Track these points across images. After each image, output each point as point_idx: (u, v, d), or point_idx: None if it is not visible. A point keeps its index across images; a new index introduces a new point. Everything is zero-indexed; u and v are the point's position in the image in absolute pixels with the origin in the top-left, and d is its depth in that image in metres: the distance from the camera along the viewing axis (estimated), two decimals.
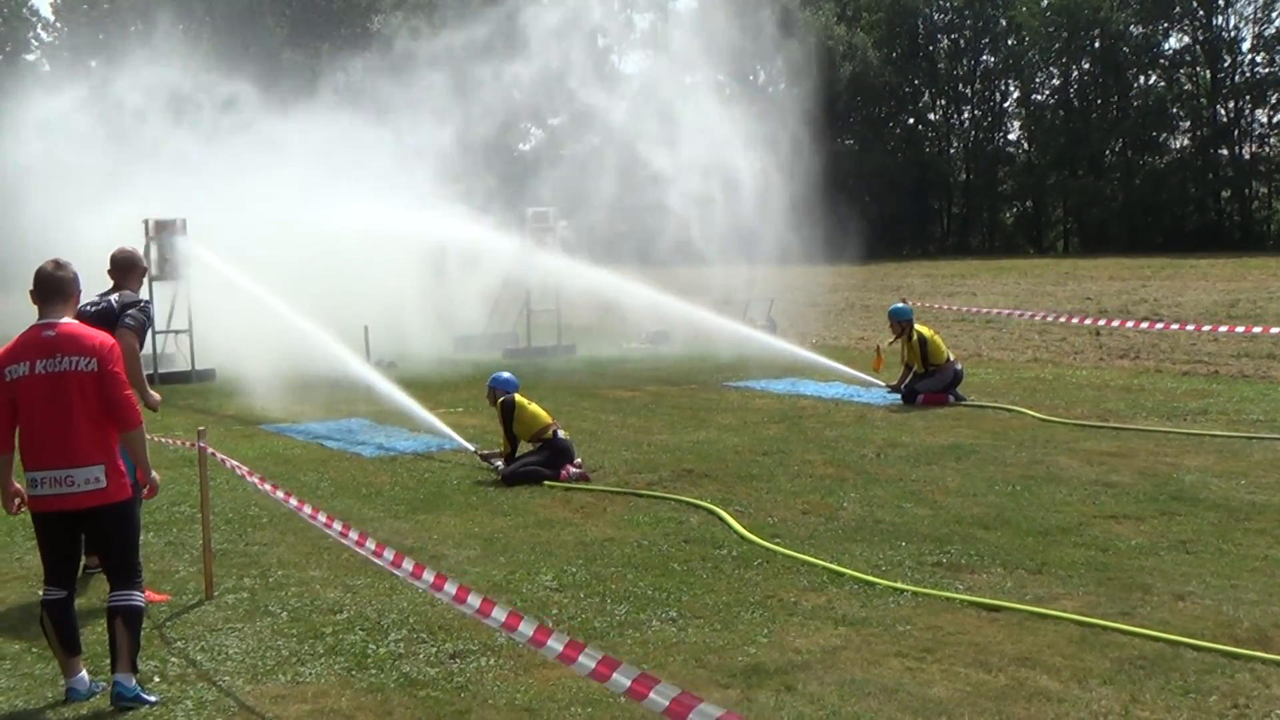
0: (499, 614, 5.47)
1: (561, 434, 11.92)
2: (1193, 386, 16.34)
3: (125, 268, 8.47)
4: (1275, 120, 78.42)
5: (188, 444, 9.07)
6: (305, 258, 21.29)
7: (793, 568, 8.46)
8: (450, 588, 5.74)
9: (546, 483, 11.32)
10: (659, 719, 5.82)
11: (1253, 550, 8.51)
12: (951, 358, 15.97)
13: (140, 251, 8.72)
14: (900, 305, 16.79)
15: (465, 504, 10.66)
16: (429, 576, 5.90)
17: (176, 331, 20.61)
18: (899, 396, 15.77)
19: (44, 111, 72.50)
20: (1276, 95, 77.08)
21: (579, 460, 11.87)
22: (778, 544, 9.02)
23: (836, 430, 13.83)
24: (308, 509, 7.45)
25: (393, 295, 26.21)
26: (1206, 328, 20.23)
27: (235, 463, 8.23)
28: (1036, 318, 24.11)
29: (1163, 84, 79.96)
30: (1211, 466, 11.27)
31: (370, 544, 6.50)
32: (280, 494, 7.73)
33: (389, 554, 6.21)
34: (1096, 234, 77.42)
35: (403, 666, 6.72)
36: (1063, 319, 22.14)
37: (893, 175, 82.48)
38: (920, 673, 6.41)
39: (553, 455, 11.65)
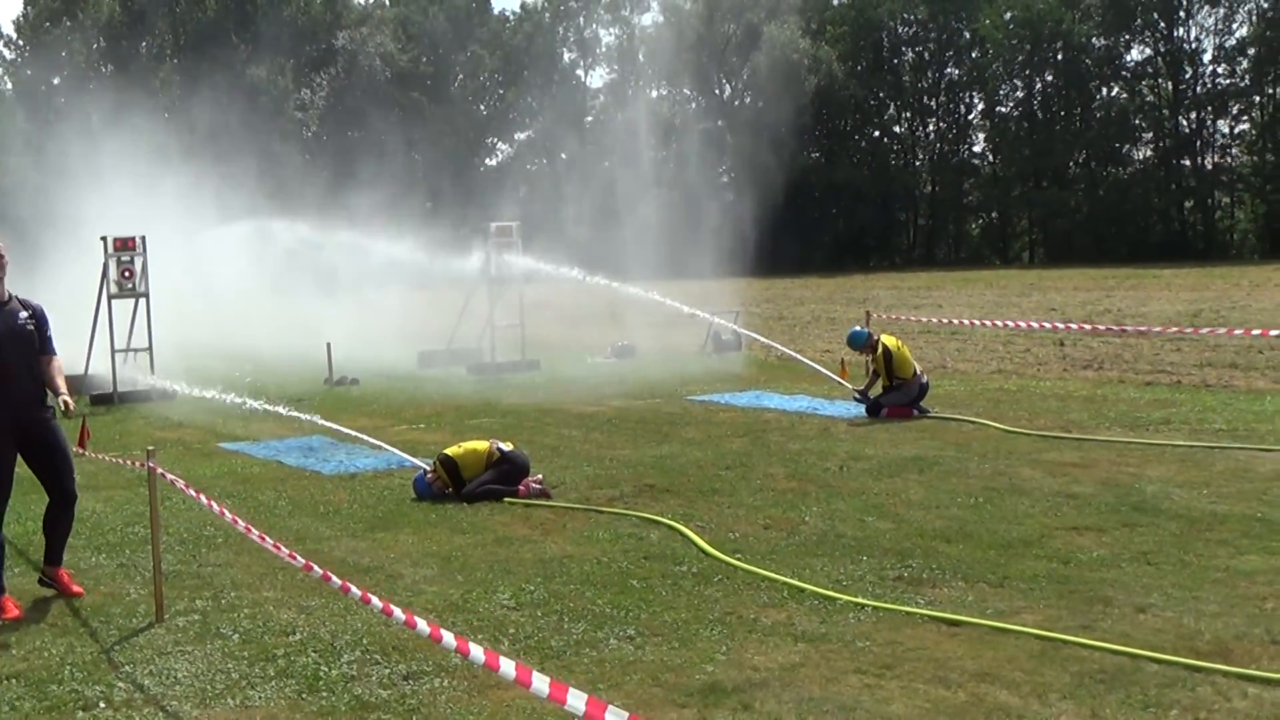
0: (449, 639, 5.31)
1: (505, 446, 11.78)
2: (1156, 396, 16.33)
3: None
4: (1237, 131, 79.05)
5: (139, 464, 8.90)
6: (266, 275, 21.19)
7: (753, 584, 8.37)
8: (399, 613, 5.59)
9: (507, 500, 11.20)
10: None
11: (1214, 561, 8.46)
12: (918, 370, 15.88)
13: None
14: (856, 330, 16.57)
15: (424, 521, 10.53)
16: (377, 602, 5.76)
17: (136, 350, 20.37)
18: (864, 408, 15.67)
19: (7, 130, 72.01)
20: (1237, 106, 77.74)
21: (539, 476, 11.75)
22: (738, 559, 8.93)
23: (800, 443, 13.75)
24: (256, 531, 7.29)
25: (358, 311, 26.09)
26: (1173, 329, 20.25)
27: (184, 483, 8.07)
28: (1001, 326, 24.11)
29: (1125, 95, 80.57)
30: (1174, 476, 11.24)
31: (317, 569, 6.34)
32: (229, 516, 7.57)
33: (337, 580, 6.05)
34: (1061, 245, 77.82)
35: (355, 689, 6.59)
36: (1024, 325, 22.13)
37: (859, 188, 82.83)
38: (879, 689, 6.32)
39: (511, 469, 11.53)
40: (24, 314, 8.44)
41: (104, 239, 19.90)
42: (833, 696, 6.24)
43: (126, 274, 19.82)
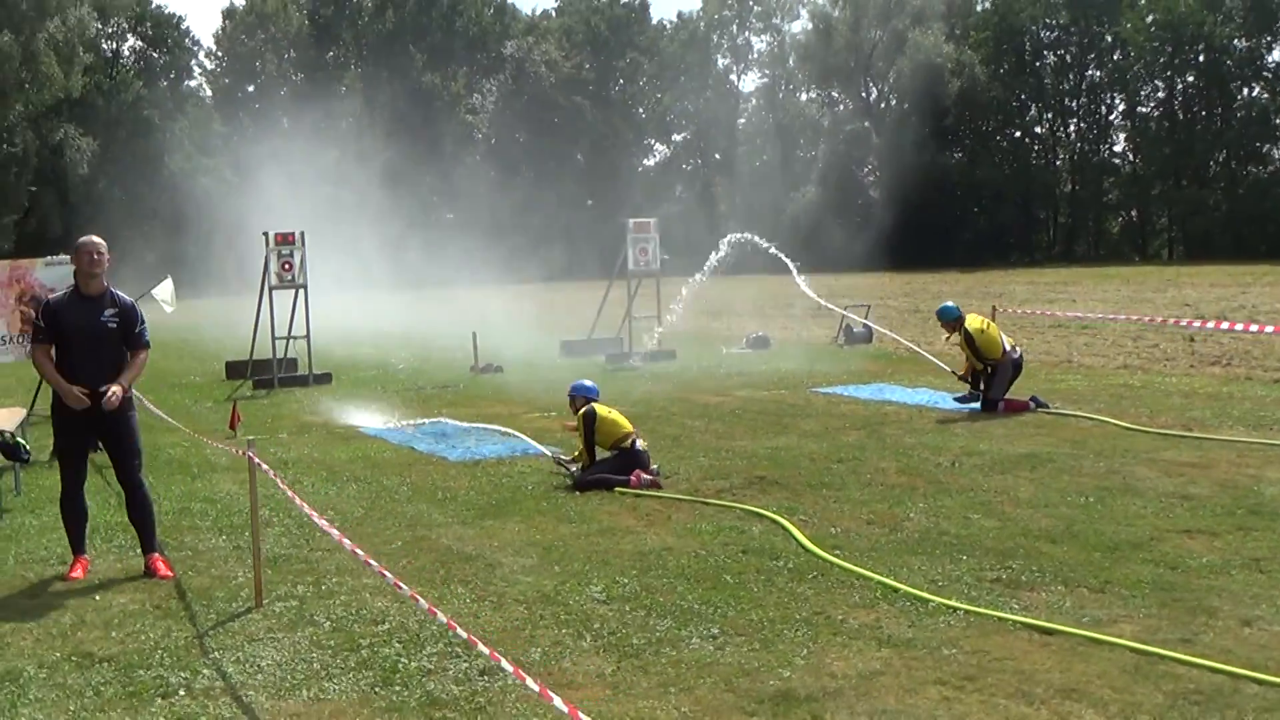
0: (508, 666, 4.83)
1: (640, 443, 11.32)
2: None
3: None
4: None
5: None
6: (423, 267, 21.10)
7: (847, 581, 7.77)
8: (461, 632, 5.10)
9: (618, 489, 10.74)
10: None
11: None
12: (1008, 347, 14.82)
13: (79, 245, 8.49)
14: (948, 305, 15.60)
15: (534, 510, 10.12)
16: (442, 618, 5.24)
17: (295, 337, 20.40)
18: (978, 405, 14.79)
19: (208, 134, 74.06)
20: None
21: (655, 467, 11.27)
22: (837, 555, 8.33)
23: (915, 437, 13.04)
24: (331, 528, 6.94)
25: (503, 303, 25.86)
26: None
27: (272, 471, 7.73)
28: (1131, 320, 22.96)
29: (1266, 96, 77.09)
30: None
31: (390, 576, 5.92)
32: (307, 508, 7.22)
33: (406, 589, 5.60)
34: (1200, 242, 74.81)
35: (428, 684, 6.17)
36: (1152, 320, 20.96)
37: (1000, 186, 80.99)
38: (958, 704, 5.70)
39: (627, 461, 11.07)
40: (110, 311, 8.32)
41: (265, 234, 19.97)
42: (908, 710, 5.64)
43: (286, 266, 19.85)
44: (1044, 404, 14.57)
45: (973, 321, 14.92)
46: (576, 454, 11.53)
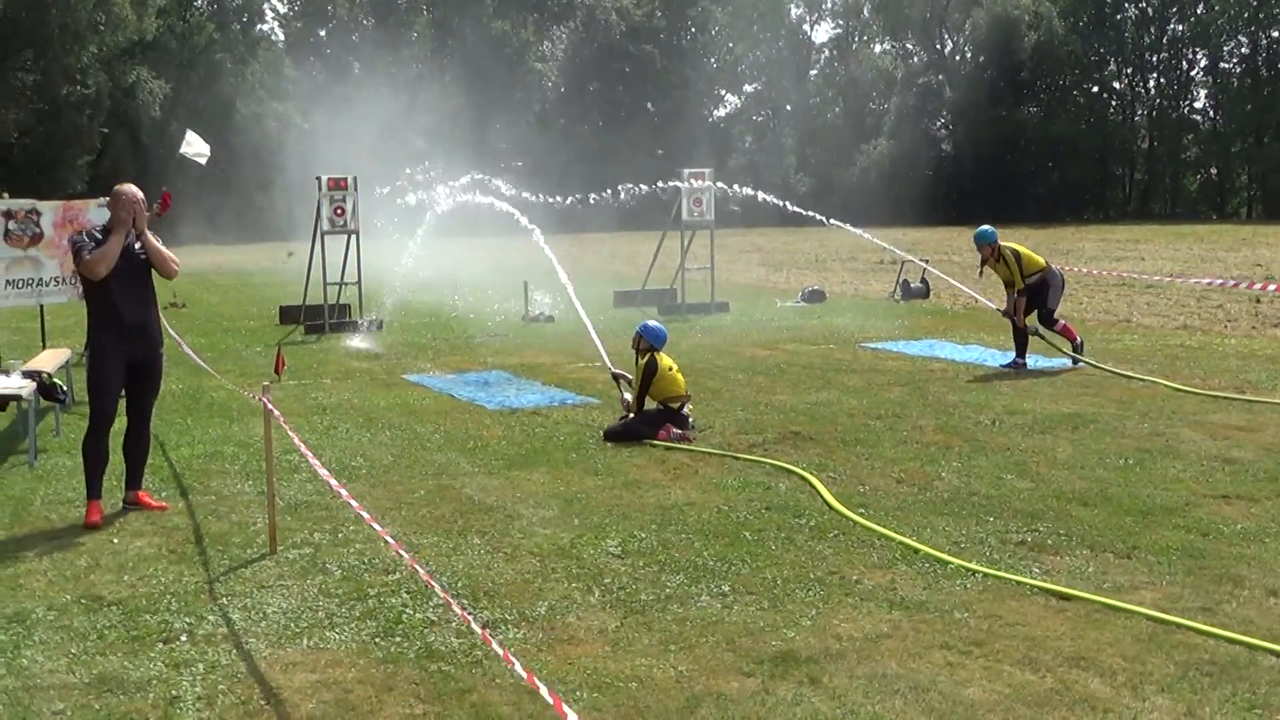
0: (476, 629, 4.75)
1: (688, 408, 11.18)
2: None
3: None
4: None
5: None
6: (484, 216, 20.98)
7: (868, 541, 7.62)
8: (456, 607, 4.99)
9: (647, 441, 10.63)
10: (670, 713, 5.15)
11: None
12: (1046, 263, 14.75)
13: (119, 190, 8.54)
14: (985, 228, 15.25)
15: (562, 462, 10.03)
16: (438, 590, 5.12)
17: (347, 284, 20.44)
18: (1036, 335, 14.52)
19: (279, 78, 74.11)
20: None
21: (692, 421, 11.13)
22: (862, 514, 8.18)
23: (958, 395, 12.81)
24: (332, 483, 6.88)
25: (565, 251, 25.73)
26: None
27: (282, 418, 7.67)
28: (1194, 283, 22.47)
29: None
30: None
31: (388, 538, 5.83)
32: (311, 456, 7.16)
33: (391, 541, 5.52)
34: None
35: (429, 636, 6.11)
36: (1209, 282, 20.49)
37: (1075, 141, 79.56)
38: (961, 669, 5.55)
39: (660, 416, 10.94)
40: (137, 244, 8.34)
41: (319, 179, 19.97)
42: (909, 675, 5.49)
43: (338, 212, 19.85)
44: (1079, 359, 14.32)
45: (1011, 244, 14.81)
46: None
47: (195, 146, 16.87)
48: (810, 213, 20.64)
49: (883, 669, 5.57)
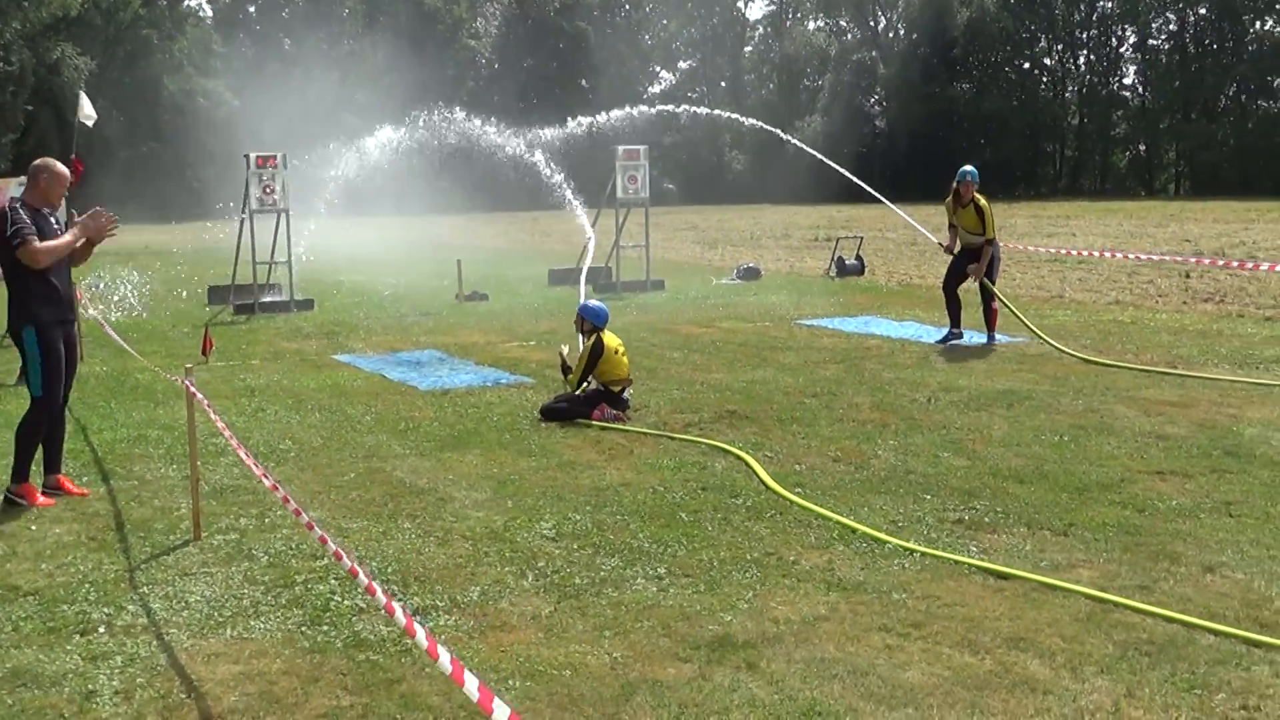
0: (400, 618, 4.59)
1: (628, 393, 11.05)
2: (1273, 333, 14.91)
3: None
4: None
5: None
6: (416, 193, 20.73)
7: (805, 521, 7.53)
8: (381, 597, 4.80)
9: (580, 421, 10.49)
10: (605, 701, 5.03)
11: None
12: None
13: (55, 170, 8.31)
14: (972, 167, 15.12)
15: (496, 442, 9.87)
16: (363, 578, 4.94)
17: (276, 263, 20.10)
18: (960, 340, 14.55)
19: (207, 55, 72.95)
20: None
21: (629, 400, 11.00)
22: (798, 494, 8.09)
23: (894, 372, 12.77)
24: (246, 454, 6.67)
25: (500, 230, 25.48)
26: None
27: (207, 403, 7.44)
28: (1124, 258, 22.62)
29: (1279, 29, 76.06)
30: (1275, 420, 10.04)
31: (313, 524, 5.63)
32: (235, 441, 6.93)
33: (332, 544, 5.30)
34: (1208, 177, 74.15)
35: (357, 624, 5.94)
36: (1137, 257, 20.62)
37: (1007, 118, 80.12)
38: (900, 652, 5.47)
39: (596, 397, 10.79)
40: (55, 220, 8.20)
41: (246, 157, 19.61)
42: (848, 658, 5.41)
43: (267, 190, 19.50)
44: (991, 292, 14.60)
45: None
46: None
47: (85, 109, 16.47)
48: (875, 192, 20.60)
49: (821, 652, 5.48)
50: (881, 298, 20.30)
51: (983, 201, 14.61)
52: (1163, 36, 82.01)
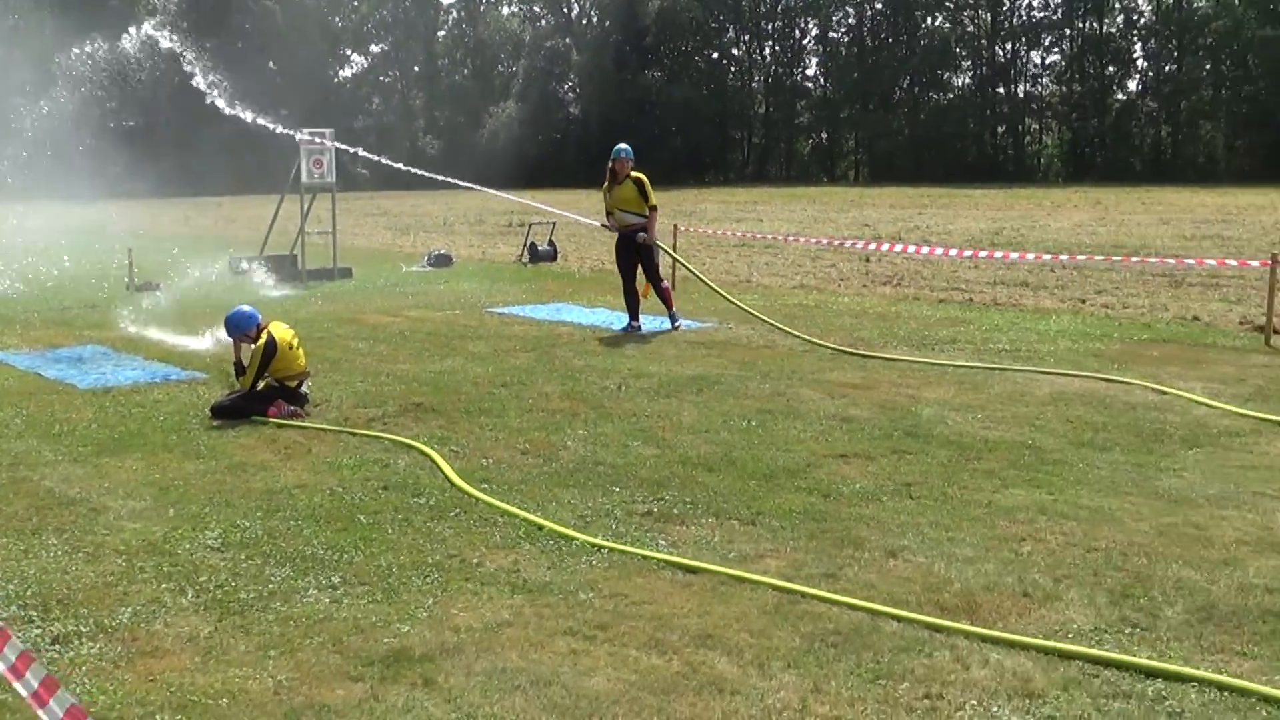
0: None
1: (306, 386, 10.47)
2: (947, 314, 15.51)
3: None
4: (1047, 61, 79.70)
5: None
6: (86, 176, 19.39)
7: (491, 519, 7.22)
8: None
9: (255, 418, 9.89)
10: None
11: (977, 495, 7.53)
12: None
13: None
14: (626, 145, 15.12)
15: (160, 445, 9.16)
16: None
17: None
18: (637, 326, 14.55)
19: None
20: (1049, 38, 78.21)
21: (308, 395, 10.44)
22: (485, 490, 7.78)
23: (585, 359, 12.61)
24: None
25: (180, 215, 24.23)
26: (968, 253, 19.45)
27: None
28: (809, 243, 23.26)
29: (948, 25, 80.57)
30: (951, 399, 10.35)
31: None
32: None
33: None
34: (884, 165, 77.84)
35: None
36: (837, 243, 21.26)
37: (698, 106, 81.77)
38: (585, 657, 5.22)
39: (272, 394, 10.19)
40: None
41: None
42: (531, 667, 5.12)
43: None
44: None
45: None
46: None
47: None
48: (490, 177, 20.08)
49: (503, 662, 5.18)
50: (574, 284, 20.20)
51: (640, 175, 14.61)
52: (842, 29, 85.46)
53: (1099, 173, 68.44)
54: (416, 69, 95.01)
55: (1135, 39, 76.24)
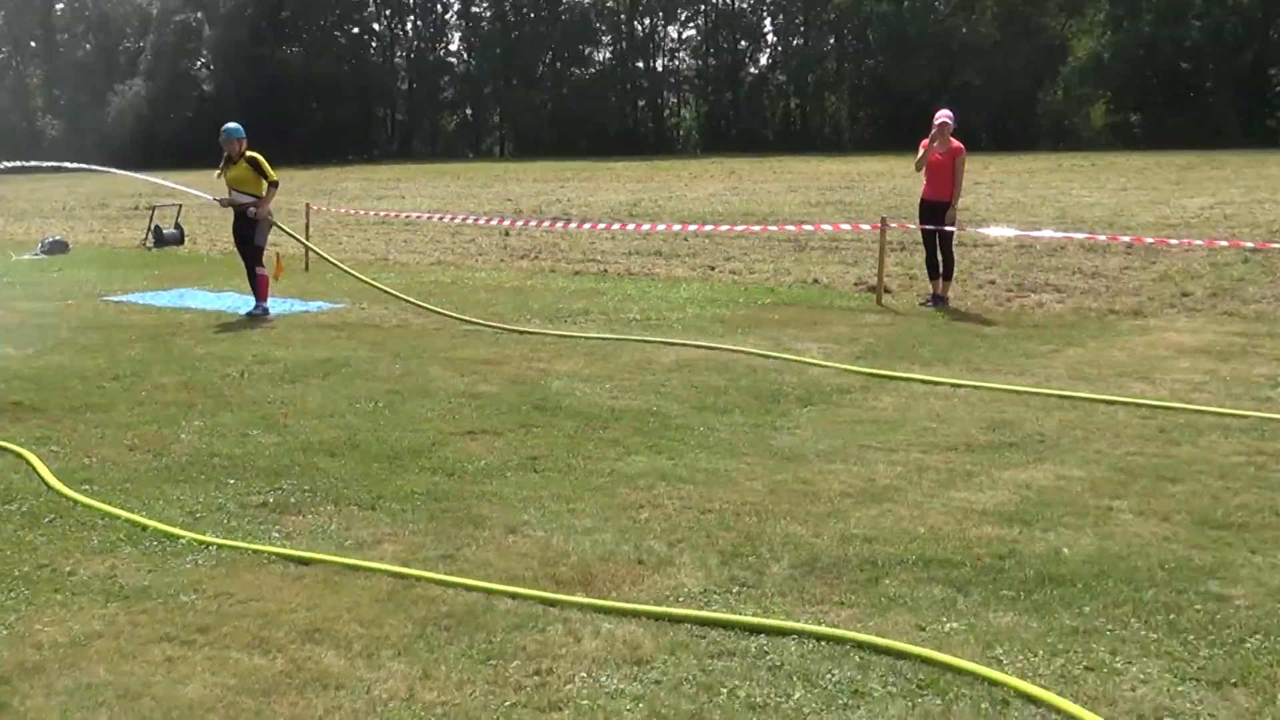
0: None
1: None
2: (581, 286, 15.67)
3: None
4: (684, 36, 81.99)
5: None
6: None
7: (89, 523, 6.73)
8: None
9: None
10: None
11: (600, 465, 7.58)
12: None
13: None
14: (237, 124, 14.54)
15: None
16: None
17: None
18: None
19: None
20: (685, 13, 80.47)
21: None
22: (85, 491, 7.26)
23: (207, 347, 12.05)
24: None
25: None
26: (601, 225, 19.73)
27: None
28: (454, 220, 23.08)
29: (588, 0, 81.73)
30: (580, 371, 10.42)
31: None
32: None
33: None
34: (530, 140, 78.42)
35: None
36: (476, 220, 21.16)
37: (338, 82, 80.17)
38: (182, 664, 4.91)
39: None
40: None
41: None
42: (120, 680, 4.77)
43: None
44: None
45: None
46: None
47: None
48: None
49: (89, 678, 4.80)
50: (202, 268, 19.35)
51: (255, 155, 14.15)
52: (485, 5, 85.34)
53: (734, 143, 71.00)
54: (33, 44, 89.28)
55: (765, 14, 79.42)
